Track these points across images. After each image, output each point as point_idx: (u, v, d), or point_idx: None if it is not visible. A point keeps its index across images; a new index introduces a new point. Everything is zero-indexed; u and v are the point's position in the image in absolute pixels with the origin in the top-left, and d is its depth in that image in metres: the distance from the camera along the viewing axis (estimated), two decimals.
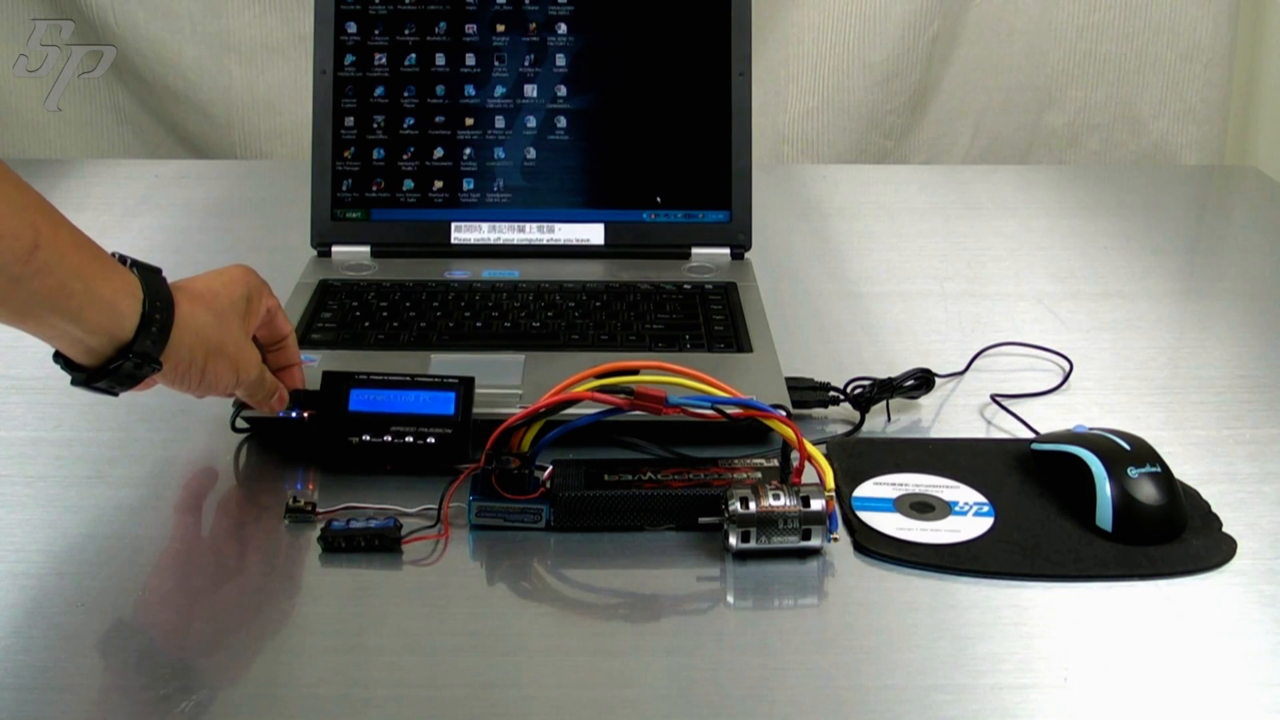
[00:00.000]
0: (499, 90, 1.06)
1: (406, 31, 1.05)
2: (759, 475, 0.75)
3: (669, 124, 1.06)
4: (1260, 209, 1.35)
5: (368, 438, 0.79)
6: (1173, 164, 1.76)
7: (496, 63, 1.06)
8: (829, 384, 0.88)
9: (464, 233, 1.06)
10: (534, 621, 0.68)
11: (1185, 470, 0.79)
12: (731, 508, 0.71)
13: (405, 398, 0.79)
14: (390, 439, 0.79)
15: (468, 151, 1.06)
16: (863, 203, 1.31)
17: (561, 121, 1.06)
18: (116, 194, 1.28)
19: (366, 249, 1.05)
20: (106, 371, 0.67)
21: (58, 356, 0.69)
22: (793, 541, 0.71)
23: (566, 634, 0.68)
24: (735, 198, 1.06)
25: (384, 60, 1.05)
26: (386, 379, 0.80)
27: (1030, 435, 0.85)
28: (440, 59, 1.05)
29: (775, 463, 0.76)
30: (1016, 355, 0.97)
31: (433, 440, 0.79)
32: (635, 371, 0.73)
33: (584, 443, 0.76)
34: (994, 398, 0.90)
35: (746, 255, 1.07)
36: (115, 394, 0.71)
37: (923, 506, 0.76)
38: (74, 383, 0.69)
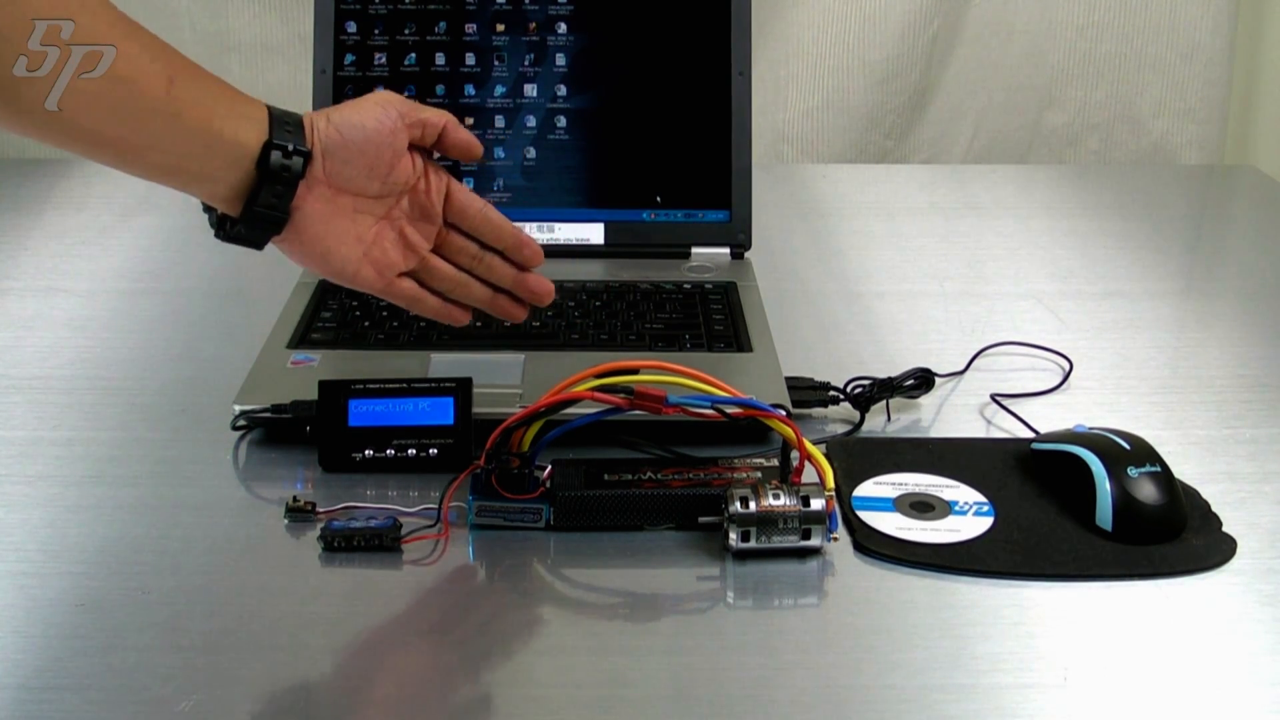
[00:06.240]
0: (499, 90, 1.06)
1: (406, 31, 1.05)
2: (759, 475, 0.75)
3: (669, 124, 1.06)
4: (1260, 209, 1.35)
5: (370, 453, 0.79)
6: (1173, 164, 1.76)
7: (496, 62, 1.06)
8: (829, 384, 0.88)
9: None
10: (534, 621, 0.68)
11: (1185, 470, 0.79)
12: (731, 507, 0.71)
13: (404, 407, 0.79)
14: (393, 453, 0.79)
15: None
16: (863, 203, 1.31)
17: (561, 121, 1.06)
18: (116, 194, 1.28)
19: None
20: (265, 176, 0.68)
21: (206, 210, 0.72)
22: (793, 541, 0.71)
23: (566, 634, 0.68)
24: (735, 197, 1.06)
25: (384, 60, 1.05)
26: (384, 387, 0.80)
27: (1030, 435, 0.85)
28: (440, 59, 1.06)
29: (775, 462, 0.76)
30: (1016, 355, 0.97)
31: (435, 451, 0.79)
32: (635, 371, 0.73)
33: (584, 442, 0.76)
34: (994, 397, 0.90)
35: (746, 255, 1.07)
36: (277, 224, 0.70)
37: (923, 506, 0.76)
38: (230, 229, 0.71)
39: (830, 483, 0.73)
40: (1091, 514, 0.74)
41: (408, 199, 0.76)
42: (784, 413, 0.75)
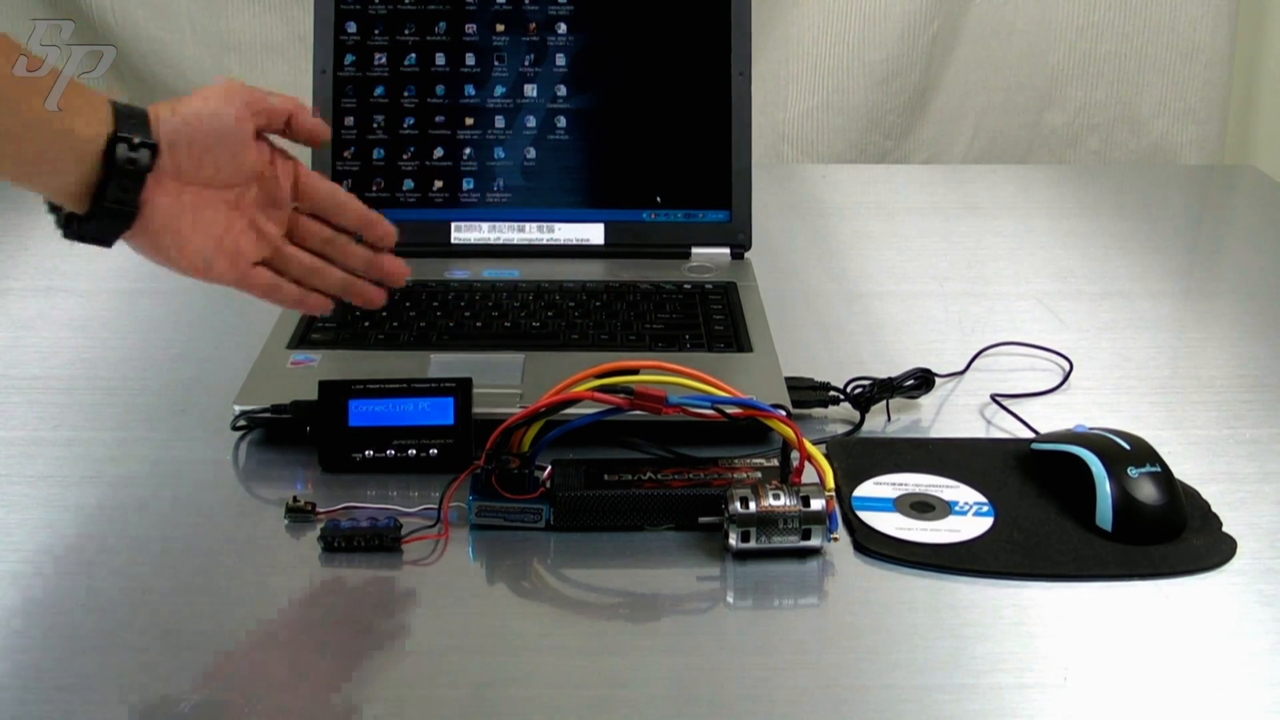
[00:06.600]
0: (499, 90, 1.06)
1: (406, 31, 1.05)
2: (759, 475, 0.75)
3: (669, 124, 1.06)
4: (1260, 209, 1.35)
5: (370, 453, 0.79)
6: (1173, 164, 1.76)
7: (496, 63, 1.06)
8: (829, 384, 0.88)
9: (464, 233, 1.06)
10: (534, 621, 0.68)
11: (1185, 470, 0.79)
12: (731, 507, 0.71)
13: (404, 407, 0.79)
14: (393, 453, 0.79)
15: (468, 151, 1.06)
16: (863, 203, 1.31)
17: (561, 121, 1.06)
18: None
19: None
20: (111, 170, 0.66)
21: (52, 209, 0.70)
22: (793, 541, 0.71)
23: (566, 634, 0.68)
24: (735, 197, 1.06)
25: (384, 60, 1.05)
26: (384, 387, 0.80)
27: (1030, 435, 0.85)
28: (440, 59, 1.06)
29: (775, 462, 0.76)
30: (1016, 355, 0.97)
31: (435, 451, 0.79)
32: (635, 371, 0.73)
33: (584, 443, 0.76)
34: (994, 398, 0.90)
35: (746, 255, 1.07)
36: (126, 219, 0.68)
37: (923, 506, 0.76)
38: (75, 226, 0.68)
39: (830, 483, 0.73)
40: (1091, 514, 0.74)
41: (257, 187, 0.75)
42: (784, 413, 0.75)
